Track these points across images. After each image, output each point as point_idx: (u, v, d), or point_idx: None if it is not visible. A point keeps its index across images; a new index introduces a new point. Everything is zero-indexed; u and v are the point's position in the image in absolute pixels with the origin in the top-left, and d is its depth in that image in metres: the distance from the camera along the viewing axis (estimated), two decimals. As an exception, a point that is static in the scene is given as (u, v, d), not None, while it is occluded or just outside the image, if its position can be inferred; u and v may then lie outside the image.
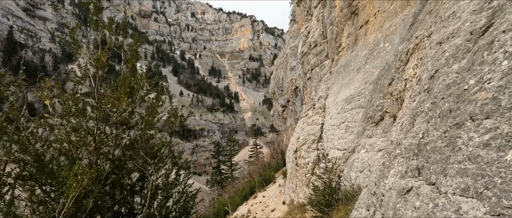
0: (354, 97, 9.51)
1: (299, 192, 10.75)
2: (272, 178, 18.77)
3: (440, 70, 2.71)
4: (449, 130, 2.18)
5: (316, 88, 16.49)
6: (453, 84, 2.38)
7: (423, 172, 2.31)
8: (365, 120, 6.85)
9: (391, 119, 5.65)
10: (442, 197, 1.94)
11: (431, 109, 2.56)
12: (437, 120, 2.39)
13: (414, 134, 2.63)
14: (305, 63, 19.58)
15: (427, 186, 2.20)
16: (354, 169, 5.73)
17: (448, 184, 1.93)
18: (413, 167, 2.44)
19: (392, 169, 2.75)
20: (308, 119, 12.85)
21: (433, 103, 2.57)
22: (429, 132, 2.43)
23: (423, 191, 2.17)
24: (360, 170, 5.49)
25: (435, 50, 3.10)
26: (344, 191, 4.86)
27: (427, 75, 2.98)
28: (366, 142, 6.14)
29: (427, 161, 2.30)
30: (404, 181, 2.48)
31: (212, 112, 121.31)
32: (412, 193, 2.30)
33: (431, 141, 2.35)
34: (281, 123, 40.90)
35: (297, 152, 11.79)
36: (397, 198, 2.45)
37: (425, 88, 2.88)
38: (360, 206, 3.15)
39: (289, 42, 38.68)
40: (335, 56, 14.46)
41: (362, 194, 3.25)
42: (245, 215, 13.79)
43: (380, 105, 6.07)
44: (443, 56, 2.78)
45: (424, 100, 2.81)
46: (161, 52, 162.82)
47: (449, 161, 2.02)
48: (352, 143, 8.07)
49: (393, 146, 2.95)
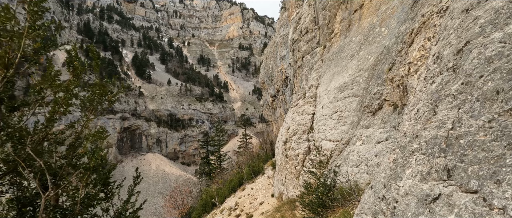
0: (347, 85, 8.98)
1: (288, 184, 10.29)
2: (261, 170, 18.34)
3: (473, 42, 2.11)
4: (497, 119, 1.59)
5: (307, 76, 15.92)
6: (498, 56, 1.78)
7: (455, 174, 1.73)
8: (360, 109, 6.32)
9: (391, 108, 5.12)
10: (497, 214, 1.36)
11: (463, 91, 1.97)
12: (474, 105, 1.80)
13: (439, 124, 2.04)
14: (296, 51, 18.90)
15: (463, 194, 1.62)
16: (350, 163, 5.20)
17: (506, 195, 1.34)
18: (440, 166, 1.86)
19: (408, 169, 2.16)
20: (299, 108, 12.31)
21: (466, 83, 1.97)
22: (462, 122, 1.84)
23: (460, 201, 1.59)
24: (356, 164, 4.97)
25: (460, 20, 2.49)
26: (340, 188, 4.34)
27: (451, 51, 2.38)
28: (362, 133, 5.61)
29: (462, 159, 1.71)
30: (426, 185, 1.90)
31: (201, 101, 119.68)
32: (441, 203, 1.72)
33: (467, 133, 1.76)
34: (270, 113, 40.50)
35: (286, 143, 11.28)
36: (418, 208, 1.87)
37: (450, 66, 2.28)
38: (364, 211, 2.58)
39: (279, 31, 37.79)
40: (327, 43, 13.84)
41: (366, 196, 2.68)
42: (232, 208, 13.31)
43: (379, 92, 5.53)
44: (476, 24, 2.17)
45: (449, 80, 2.22)
46: (148, 39, 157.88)
47: (504, 161, 1.43)
48: (345, 134, 7.57)
49: (407, 139, 2.36)
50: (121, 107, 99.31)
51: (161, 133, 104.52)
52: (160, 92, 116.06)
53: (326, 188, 4.16)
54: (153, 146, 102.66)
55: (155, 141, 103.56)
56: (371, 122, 5.60)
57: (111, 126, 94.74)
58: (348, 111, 8.37)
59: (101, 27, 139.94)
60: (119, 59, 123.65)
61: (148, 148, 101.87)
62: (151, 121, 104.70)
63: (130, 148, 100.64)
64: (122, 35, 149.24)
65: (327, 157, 8.65)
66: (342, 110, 8.66)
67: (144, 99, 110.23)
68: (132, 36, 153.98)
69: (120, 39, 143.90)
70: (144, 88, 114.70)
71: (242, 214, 11.85)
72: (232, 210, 13.03)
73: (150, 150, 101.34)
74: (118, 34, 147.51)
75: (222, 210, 14.41)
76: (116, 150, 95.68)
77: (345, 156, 5.63)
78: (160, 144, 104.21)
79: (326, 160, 8.06)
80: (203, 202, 20.20)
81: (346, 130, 7.96)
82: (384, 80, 5.48)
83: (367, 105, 5.90)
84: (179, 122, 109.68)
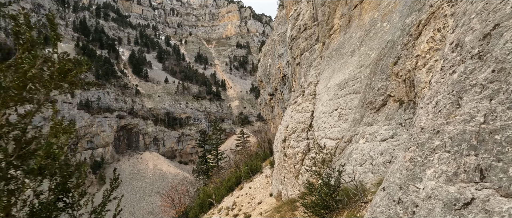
0: (348, 82, 8.74)
1: (287, 184, 10.05)
2: (259, 168, 18.10)
3: (504, 24, 1.85)
4: (545, 109, 1.34)
5: (305, 74, 15.67)
6: (540, 38, 1.53)
7: (490, 175, 1.48)
8: (363, 106, 6.08)
9: (396, 104, 4.87)
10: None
11: (495, 80, 1.71)
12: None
13: (467, 118, 1.79)
14: (294, 48, 18.64)
15: (504, 199, 1.37)
16: (353, 162, 4.96)
17: None
18: (470, 166, 1.61)
19: (429, 169, 1.91)
20: (297, 106, 12.06)
21: (498, 70, 1.72)
22: (497, 114, 1.59)
23: (501, 208, 1.34)
24: (360, 163, 4.73)
25: (485, 2, 2.23)
26: (345, 189, 4.09)
27: (475, 36, 2.12)
28: (366, 131, 5.37)
29: (499, 158, 1.46)
30: (454, 188, 1.65)
31: (199, 100, 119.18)
32: (476, 209, 1.47)
33: (504, 127, 1.50)
34: (268, 111, 40.28)
35: (285, 142, 11.03)
36: (445, 213, 1.62)
37: (475, 53, 2.03)
38: (376, 215, 2.33)
39: (277, 29, 37.52)
40: (326, 40, 13.60)
41: (377, 199, 2.43)
42: (230, 208, 13.05)
43: (383, 88, 5.28)
44: (506, 5, 1.92)
45: (474, 69, 1.96)
46: (145, 37, 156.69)
47: (562, 161, 1.18)
48: (347, 132, 7.34)
49: (426, 136, 2.11)
50: (118, 105, 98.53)
51: (158, 131, 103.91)
52: (157, 90, 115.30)
53: (330, 189, 3.91)
54: (150, 145, 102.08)
55: (152, 139, 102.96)
56: (374, 119, 5.36)
57: (108, 125, 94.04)
58: (349, 108, 8.14)
59: (97, 25, 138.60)
60: (116, 57, 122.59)
61: (145, 146, 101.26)
62: (148, 119, 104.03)
63: (127, 146, 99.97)
64: (118, 33, 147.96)
65: (330, 155, 8.42)
66: (343, 108, 8.42)
67: (141, 98, 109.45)
68: (129, 34, 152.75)
69: (116, 37, 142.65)
70: (141, 87, 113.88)
71: (240, 213, 11.60)
72: (230, 210, 12.78)
73: (147, 148, 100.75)
74: (114, 32, 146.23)
75: (220, 210, 14.15)
76: (113, 149, 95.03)
77: (348, 155, 5.39)
78: (157, 142, 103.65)
79: (329, 159, 7.84)
80: (200, 201, 19.92)
81: (348, 127, 7.73)
82: (388, 75, 5.24)
83: (371, 102, 5.66)
84: (176, 121, 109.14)
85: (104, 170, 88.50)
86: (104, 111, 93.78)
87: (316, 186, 4.26)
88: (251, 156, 24.46)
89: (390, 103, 5.07)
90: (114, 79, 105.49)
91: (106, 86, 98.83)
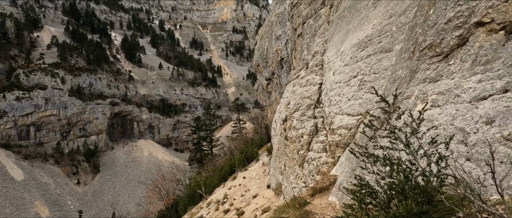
0: (372, 40, 6.54)
1: (289, 174, 7.98)
2: (255, 156, 16.09)
3: None
4: None
5: (308, 45, 13.40)
6: None
7: None
8: (413, 57, 3.89)
9: (497, 35, 2.68)
10: None
11: None
12: None
13: None
14: (295, 17, 16.22)
15: None
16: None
17: None
18: None
19: None
20: (301, 79, 9.87)
21: None
22: None
23: None
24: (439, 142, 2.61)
25: None
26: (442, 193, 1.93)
27: None
28: (428, 90, 3.20)
29: None
30: None
31: (194, 86, 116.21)
32: None
33: None
34: (265, 97, 38.18)
35: (286, 122, 8.89)
36: None
37: None
38: None
39: (274, 9, 34.79)
40: (335, 1, 11.24)
41: None
42: (220, 201, 11.05)
43: (460, 16, 3.07)
44: None
45: None
46: (138, 22, 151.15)
47: None
48: (375, 103, 5.18)
49: None
50: (111, 92, 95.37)
51: (153, 119, 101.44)
52: (151, 76, 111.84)
53: (426, 195, 1.74)
54: (145, 132, 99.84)
55: (147, 127, 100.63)
56: (443, 69, 3.17)
57: (101, 112, 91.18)
58: (375, 72, 5.95)
59: (88, 8, 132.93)
60: (108, 42, 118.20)
61: (140, 134, 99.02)
62: (142, 106, 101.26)
63: (121, 134, 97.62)
64: (110, 17, 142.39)
65: (343, 137, 6.32)
66: (366, 73, 6.22)
67: (134, 84, 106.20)
68: (121, 18, 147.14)
69: (108, 21, 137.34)
70: (134, 72, 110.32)
71: (232, 209, 9.60)
72: (220, 204, 10.80)
73: (142, 136, 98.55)
74: (106, 15, 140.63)
75: (209, 203, 12.18)
76: (107, 137, 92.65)
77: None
78: (152, 130, 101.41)
79: (345, 142, 5.70)
80: (191, 191, 18.02)
81: (372, 98, 5.61)
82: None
83: (431, 45, 3.45)
84: (171, 108, 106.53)
85: (98, 158, 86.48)
86: (96, 98, 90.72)
87: (377, 189, 2.03)
88: (246, 143, 22.43)
89: (478, 37, 2.86)
90: (106, 65, 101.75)
91: (98, 72, 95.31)
